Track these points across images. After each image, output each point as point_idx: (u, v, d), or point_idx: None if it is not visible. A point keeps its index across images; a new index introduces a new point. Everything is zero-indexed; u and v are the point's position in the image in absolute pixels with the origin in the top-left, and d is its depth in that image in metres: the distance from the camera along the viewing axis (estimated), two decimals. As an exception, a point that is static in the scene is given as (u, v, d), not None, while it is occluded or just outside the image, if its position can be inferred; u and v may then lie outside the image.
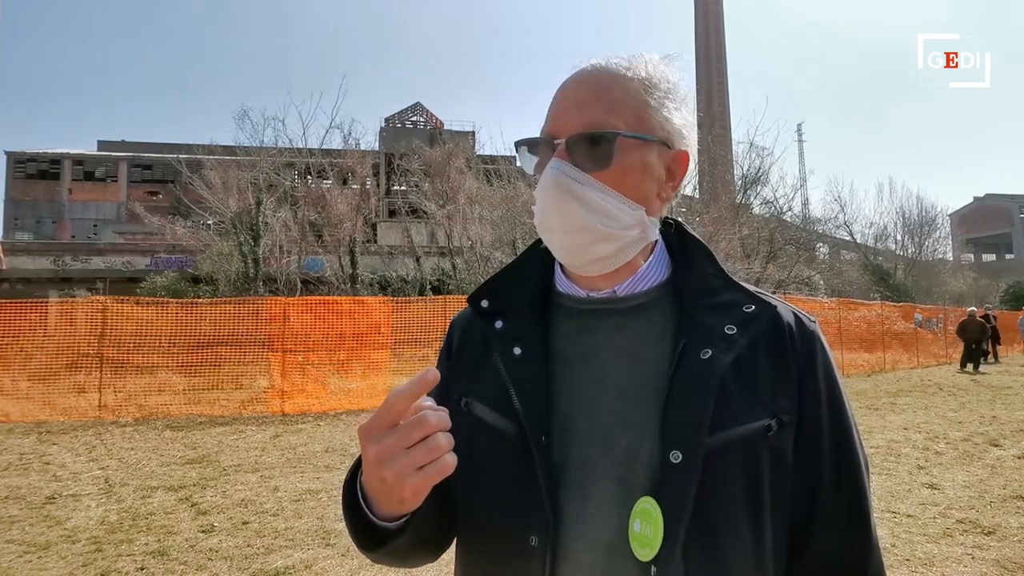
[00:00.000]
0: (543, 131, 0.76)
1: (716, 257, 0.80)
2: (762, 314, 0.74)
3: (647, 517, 0.66)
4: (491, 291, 0.83)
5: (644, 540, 0.65)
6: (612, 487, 0.69)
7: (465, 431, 0.74)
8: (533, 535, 0.69)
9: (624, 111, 0.72)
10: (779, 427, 0.69)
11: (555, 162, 0.72)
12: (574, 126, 0.72)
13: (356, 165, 25.11)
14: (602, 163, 0.71)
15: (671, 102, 0.76)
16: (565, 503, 0.70)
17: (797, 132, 65.11)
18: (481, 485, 0.75)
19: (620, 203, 0.72)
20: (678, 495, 0.65)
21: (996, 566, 3.51)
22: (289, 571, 3.51)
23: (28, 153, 40.65)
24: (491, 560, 0.74)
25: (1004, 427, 7.70)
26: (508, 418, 0.73)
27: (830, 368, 0.75)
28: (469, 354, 0.82)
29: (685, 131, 0.77)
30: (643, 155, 0.73)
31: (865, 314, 17.57)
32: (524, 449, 0.71)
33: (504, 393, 0.74)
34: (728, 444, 0.67)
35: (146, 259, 27.62)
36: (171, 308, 10.16)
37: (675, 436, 0.67)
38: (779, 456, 0.69)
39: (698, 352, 0.70)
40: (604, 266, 0.75)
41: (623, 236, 0.73)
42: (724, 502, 0.67)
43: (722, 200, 21.96)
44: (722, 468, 0.66)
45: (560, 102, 0.75)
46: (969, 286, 35.66)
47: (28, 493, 5.02)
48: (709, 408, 0.67)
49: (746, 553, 0.67)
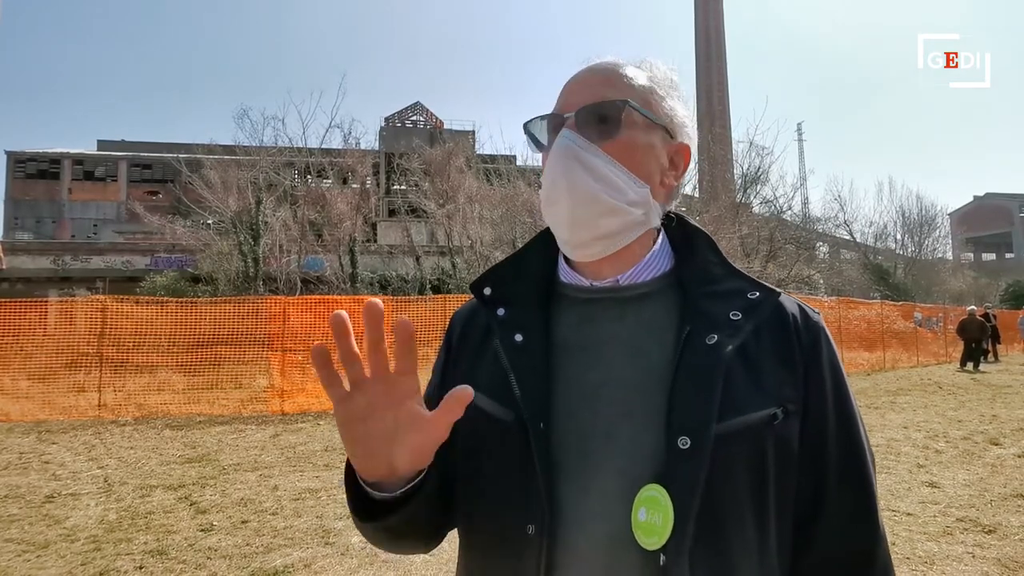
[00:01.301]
0: (553, 111, 0.78)
1: (719, 246, 0.80)
2: (766, 301, 0.74)
3: (654, 505, 0.64)
4: (494, 279, 0.83)
5: (651, 528, 0.64)
6: (614, 477, 0.68)
7: (465, 420, 0.74)
8: (530, 524, 0.68)
9: (631, 93, 0.75)
10: (785, 416, 0.69)
11: (565, 131, 0.74)
12: (583, 101, 0.75)
13: (356, 164, 25.10)
14: (609, 135, 0.73)
15: (675, 96, 0.79)
16: (566, 493, 0.69)
17: (797, 131, 65.21)
18: (480, 474, 0.75)
19: (626, 176, 0.73)
20: (688, 482, 0.64)
21: (996, 564, 3.51)
22: (288, 570, 3.50)
23: (28, 153, 40.64)
24: (489, 548, 0.73)
25: (1004, 426, 7.70)
26: (508, 406, 0.73)
27: (835, 360, 0.75)
28: (470, 343, 0.82)
29: (688, 125, 0.79)
30: (648, 135, 0.76)
31: (865, 313, 17.57)
32: (523, 438, 0.70)
33: (504, 381, 0.73)
34: (734, 432, 0.66)
35: (146, 259, 27.61)
36: (171, 307, 10.16)
37: (682, 422, 0.66)
38: (784, 445, 0.69)
39: (703, 338, 0.70)
40: (606, 246, 0.75)
41: (627, 212, 0.74)
42: (730, 490, 0.66)
43: (722, 199, 21.95)
44: (728, 456, 0.66)
45: (570, 85, 0.78)
46: (969, 285, 35.67)
47: (27, 492, 5.02)
48: (717, 393, 0.66)
49: (750, 542, 0.67)
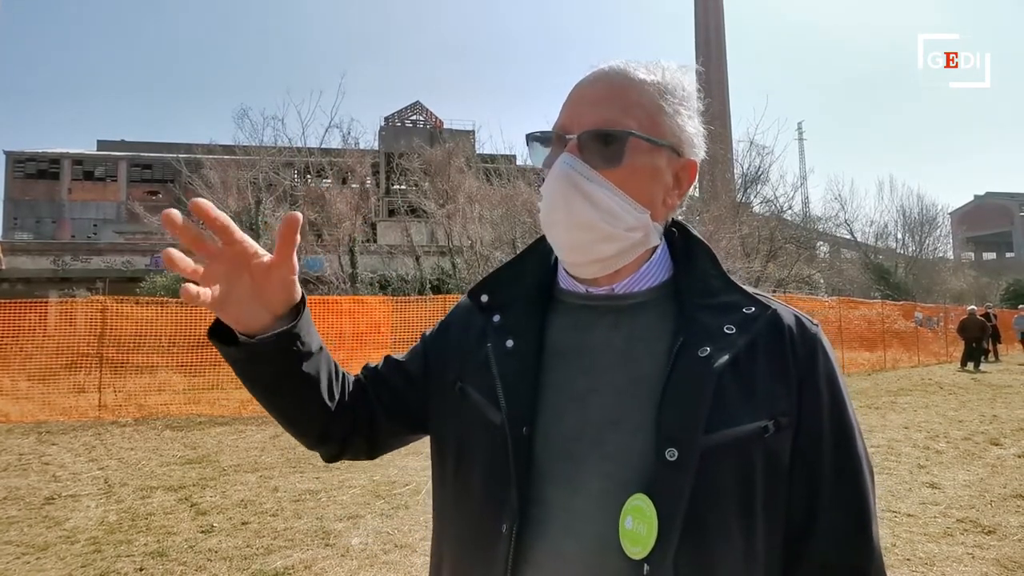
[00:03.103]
0: (555, 126, 0.76)
1: (718, 259, 0.79)
2: (762, 316, 0.73)
3: (640, 514, 0.65)
4: (491, 286, 0.84)
5: (636, 538, 0.64)
6: (601, 482, 0.69)
7: (458, 413, 0.78)
8: (504, 523, 0.69)
9: (638, 113, 0.73)
10: (776, 430, 0.69)
11: (566, 156, 0.72)
12: (587, 123, 0.72)
13: (356, 164, 25.07)
14: (612, 162, 0.72)
15: (685, 110, 0.76)
16: (552, 495, 0.70)
17: (797, 130, 65.13)
18: (469, 466, 0.76)
19: (626, 204, 0.72)
20: (673, 493, 0.65)
21: (996, 565, 3.50)
22: (288, 571, 3.50)
23: (28, 153, 40.61)
24: (464, 540, 0.75)
25: (1004, 426, 7.69)
26: (495, 407, 0.73)
27: (832, 372, 0.74)
28: (466, 343, 0.83)
29: (696, 140, 0.77)
30: (653, 159, 0.74)
31: (865, 313, 17.58)
32: (505, 439, 0.71)
33: (492, 384, 0.74)
34: (723, 444, 0.66)
35: (146, 259, 27.57)
36: (171, 308, 10.14)
37: (670, 433, 0.66)
38: (774, 459, 0.69)
39: (696, 350, 0.69)
40: (603, 267, 0.75)
41: (626, 238, 0.73)
42: (716, 502, 0.66)
43: (722, 199, 21.92)
44: (716, 468, 0.66)
45: (575, 99, 0.75)
46: (969, 284, 35.69)
47: (27, 494, 5.02)
48: (705, 406, 0.66)
49: (736, 554, 0.67)
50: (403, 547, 3.82)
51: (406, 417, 0.87)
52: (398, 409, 0.87)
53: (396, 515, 4.41)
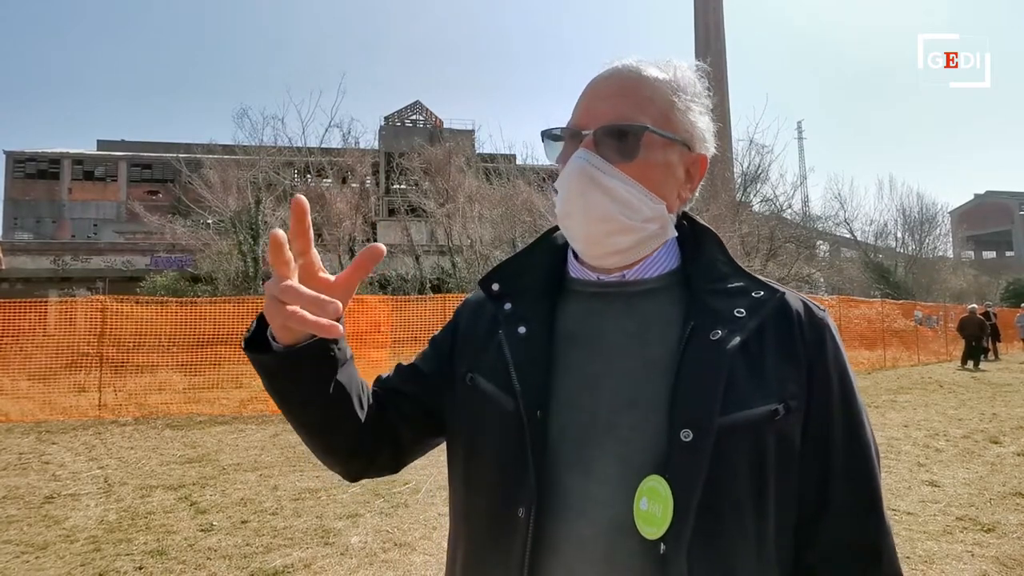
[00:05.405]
0: (570, 123, 0.77)
1: (726, 246, 0.81)
2: (771, 300, 0.74)
3: (655, 495, 0.65)
4: (502, 275, 0.85)
5: (651, 518, 0.65)
6: (615, 465, 0.69)
7: (470, 404, 0.79)
8: (521, 507, 0.70)
9: (651, 109, 0.75)
10: (786, 412, 0.69)
11: (582, 151, 0.73)
12: (602, 118, 0.74)
13: (356, 164, 25.12)
14: (627, 156, 0.73)
15: (696, 106, 0.78)
16: (567, 479, 0.70)
17: (797, 129, 65.13)
18: (482, 454, 0.77)
19: (643, 195, 0.74)
20: (688, 474, 0.65)
21: (996, 563, 3.51)
22: (288, 570, 3.50)
23: (27, 153, 40.61)
24: (481, 525, 0.75)
25: (1004, 424, 7.70)
26: (508, 394, 0.74)
27: (840, 357, 0.75)
28: (477, 333, 0.84)
29: (707, 136, 0.79)
30: (666, 154, 0.76)
31: (865, 312, 17.57)
32: (520, 424, 0.72)
33: (506, 370, 0.75)
34: (736, 426, 0.67)
35: (146, 258, 27.60)
36: (171, 307, 10.16)
37: (685, 415, 0.67)
38: (785, 441, 0.70)
39: (707, 333, 0.70)
40: (622, 259, 0.77)
41: (642, 229, 0.75)
42: (730, 483, 0.67)
43: (722, 198, 21.90)
44: (729, 450, 0.66)
45: (589, 96, 0.77)
46: (969, 283, 35.72)
47: (27, 493, 5.02)
48: (720, 388, 0.67)
49: (749, 534, 0.67)
50: (402, 545, 3.82)
51: (427, 422, 0.86)
52: (417, 416, 0.86)
53: (396, 514, 4.41)
